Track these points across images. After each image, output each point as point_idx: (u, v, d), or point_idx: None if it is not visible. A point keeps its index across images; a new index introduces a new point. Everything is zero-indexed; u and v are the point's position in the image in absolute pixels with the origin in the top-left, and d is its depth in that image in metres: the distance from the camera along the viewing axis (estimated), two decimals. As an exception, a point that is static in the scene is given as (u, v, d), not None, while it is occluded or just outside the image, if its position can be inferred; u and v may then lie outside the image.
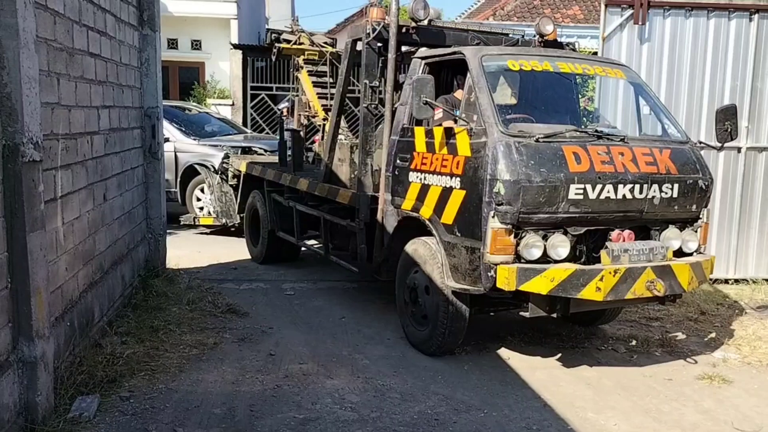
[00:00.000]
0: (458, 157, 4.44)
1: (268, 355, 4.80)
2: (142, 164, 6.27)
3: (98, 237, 4.82)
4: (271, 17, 24.99)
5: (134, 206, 5.94)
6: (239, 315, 5.64)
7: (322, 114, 7.56)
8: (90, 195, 4.64)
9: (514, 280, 4.09)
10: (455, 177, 4.45)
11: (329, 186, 6.08)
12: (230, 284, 6.72)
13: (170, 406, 3.91)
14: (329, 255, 6.32)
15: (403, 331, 5.17)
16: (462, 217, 4.39)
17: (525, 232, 4.17)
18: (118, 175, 5.36)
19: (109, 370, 4.19)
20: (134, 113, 5.95)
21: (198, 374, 4.37)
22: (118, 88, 5.38)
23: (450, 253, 4.48)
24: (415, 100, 4.45)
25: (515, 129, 4.32)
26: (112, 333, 4.78)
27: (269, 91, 14.33)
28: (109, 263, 5.10)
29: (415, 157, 4.88)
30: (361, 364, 4.70)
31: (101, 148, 4.89)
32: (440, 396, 4.20)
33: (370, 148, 5.53)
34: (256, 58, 14.58)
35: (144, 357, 4.51)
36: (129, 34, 5.81)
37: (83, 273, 4.46)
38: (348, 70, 5.97)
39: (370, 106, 5.48)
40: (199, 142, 9.77)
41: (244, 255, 8.01)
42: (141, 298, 5.68)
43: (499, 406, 4.09)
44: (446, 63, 5.12)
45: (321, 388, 4.25)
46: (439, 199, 4.58)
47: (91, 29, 4.66)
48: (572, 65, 4.94)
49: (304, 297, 6.37)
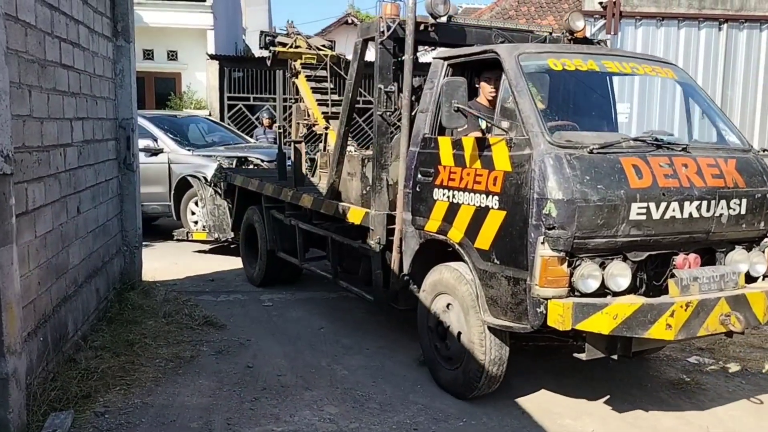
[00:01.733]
0: (495, 172, 3.85)
1: (246, 367, 4.76)
2: (117, 176, 6.20)
3: (72, 250, 4.76)
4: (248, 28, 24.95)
5: (109, 219, 5.88)
6: (216, 327, 5.59)
7: (322, 122, 7.01)
8: (63, 208, 4.58)
9: (569, 318, 3.49)
10: (492, 195, 3.85)
11: (338, 203, 5.50)
12: (207, 296, 6.67)
13: (146, 420, 3.86)
14: (338, 280, 5.74)
15: (429, 370, 4.60)
16: (502, 242, 3.79)
17: (580, 260, 3.59)
18: (92, 187, 5.30)
19: (83, 386, 4.12)
20: (108, 125, 5.90)
21: (174, 388, 4.32)
22: (91, 99, 5.33)
23: (486, 284, 3.90)
24: (444, 106, 3.90)
25: (562, 138, 3.73)
26: (86, 347, 4.72)
27: (246, 102, 14.32)
28: (84, 277, 5.03)
29: (440, 172, 4.29)
30: (340, 374, 4.68)
31: (75, 160, 4.84)
32: (419, 405, 4.20)
33: (385, 161, 4.92)
34: (233, 69, 14.56)
35: (119, 371, 4.45)
36: (103, 45, 5.76)
37: (57, 287, 4.40)
38: (358, 73, 5.38)
39: (385, 114, 4.88)
40: (193, 152, 9.34)
41: (222, 267, 7.95)
42: (116, 311, 5.61)
43: (478, 414, 4.09)
44: (469, 65, 4.55)
45: (299, 400, 4.22)
46: (472, 221, 3.99)
47: (63, 41, 4.61)
48: (619, 64, 4.36)
49: (283, 308, 6.34)
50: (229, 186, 7.79)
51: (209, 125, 11.19)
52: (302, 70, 7.54)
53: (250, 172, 8.02)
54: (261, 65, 14.95)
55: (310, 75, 7.51)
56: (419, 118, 4.60)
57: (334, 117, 6.85)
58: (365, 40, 5.19)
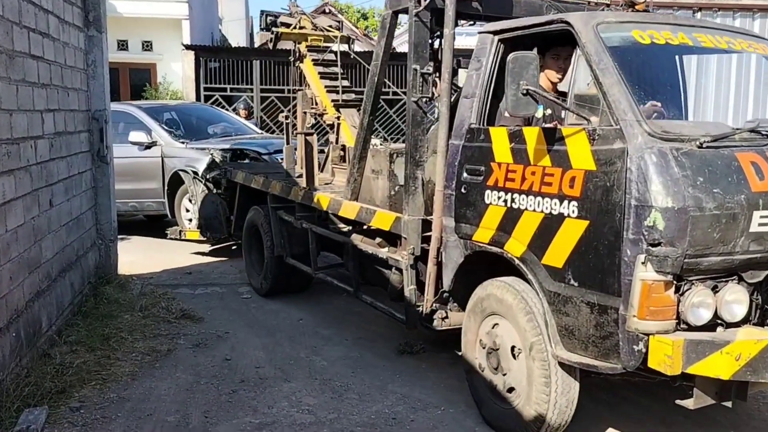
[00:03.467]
0: (572, 171, 3.12)
1: (224, 360, 4.73)
2: (91, 168, 6.11)
3: (45, 244, 4.69)
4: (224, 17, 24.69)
5: (83, 212, 5.80)
6: (194, 320, 5.55)
7: (332, 111, 6.28)
8: (35, 201, 4.51)
9: (679, 360, 2.78)
10: (568, 200, 3.13)
11: (361, 206, 4.80)
12: (185, 289, 6.61)
13: (122, 415, 3.83)
14: (360, 294, 5.01)
15: (474, 403, 3.92)
16: (582, 260, 3.08)
17: (689, 284, 2.89)
18: (64, 180, 5.22)
19: (58, 381, 4.07)
20: (81, 116, 5.81)
21: (151, 382, 4.29)
22: (63, 90, 5.24)
23: (559, 310, 3.21)
24: (510, 89, 3.16)
25: (658, 128, 2.98)
26: (61, 342, 4.66)
27: (223, 92, 14.17)
28: (57, 271, 4.97)
29: (493, 170, 3.58)
30: (319, 365, 4.68)
31: (46, 152, 4.76)
32: (398, 395, 4.21)
33: (420, 157, 4.23)
34: (209, 59, 14.39)
35: (95, 366, 4.41)
36: (74, 35, 5.66)
37: (29, 281, 4.33)
38: (385, 53, 4.61)
39: (421, 101, 4.17)
40: (187, 145, 8.53)
41: (200, 259, 7.89)
42: (92, 305, 5.54)
43: (457, 402, 4.11)
44: (525, 40, 3.70)
45: (278, 392, 4.21)
46: (538, 231, 3.29)
47: (32, 31, 4.52)
48: (713, 38, 3.55)
49: (262, 300, 6.30)
50: (229, 183, 7.15)
51: (213, 114, 10.43)
52: (308, 54, 6.76)
53: (253, 168, 7.18)
54: (238, 55, 14.85)
55: (317, 59, 6.73)
56: (463, 105, 3.89)
57: (345, 105, 6.28)
58: (395, 12, 4.50)
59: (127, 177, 8.36)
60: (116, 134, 8.60)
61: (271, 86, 14.23)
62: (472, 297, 3.84)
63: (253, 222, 6.43)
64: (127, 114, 8.95)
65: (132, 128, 8.61)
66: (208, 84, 14.19)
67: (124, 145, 8.35)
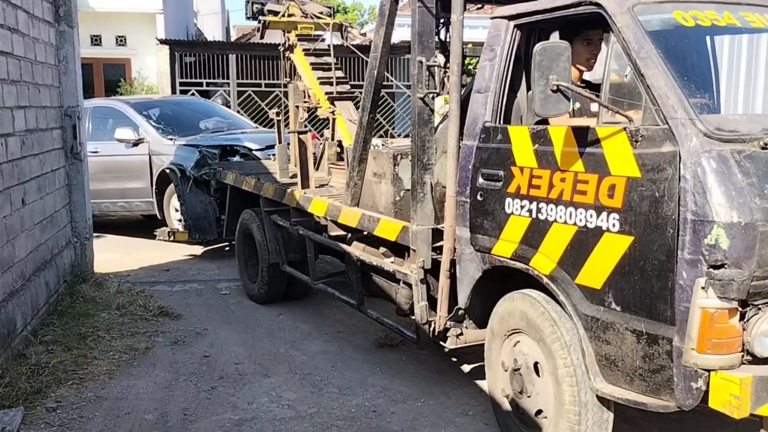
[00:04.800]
0: (611, 178, 2.72)
1: (203, 356, 4.71)
2: (64, 165, 6.04)
3: (18, 243, 4.62)
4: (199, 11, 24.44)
5: (57, 210, 5.73)
6: (172, 317, 5.51)
7: (326, 105, 5.85)
8: (7, 200, 4.45)
9: (747, 400, 2.42)
10: (607, 212, 2.72)
11: (362, 213, 4.38)
12: (163, 286, 6.56)
13: (99, 414, 3.80)
14: (364, 308, 4.62)
15: (497, 423, 3.59)
16: (626, 281, 2.69)
17: (755, 309, 2.51)
18: (37, 177, 5.15)
19: (33, 381, 4.03)
20: (53, 113, 5.73)
21: (129, 380, 4.26)
22: (33, 87, 5.16)
23: (598, 336, 2.82)
24: (538, 84, 2.73)
25: (713, 126, 2.56)
26: (36, 342, 4.60)
27: (199, 87, 14.05)
28: (32, 270, 4.90)
29: (514, 175, 3.17)
30: (299, 360, 4.67)
31: (17, 150, 4.69)
32: (378, 388, 4.22)
33: (428, 160, 3.83)
34: (185, 53, 14.25)
35: (71, 365, 4.36)
36: (44, 30, 5.57)
37: (2, 281, 4.28)
38: (386, 43, 4.21)
39: (428, 97, 3.77)
40: (175, 141, 8.06)
41: (178, 256, 7.82)
42: (68, 304, 5.48)
43: (436, 394, 4.13)
44: (544, 26, 3.29)
45: (257, 387, 4.20)
46: (571, 246, 2.89)
47: (0, 26, 4.44)
48: (762, 17, 3.12)
49: (241, 296, 6.27)
50: (219, 183, 6.81)
51: (205, 108, 9.96)
52: (298, 43, 6.29)
53: (243, 167, 6.76)
54: (214, 49, 14.72)
55: (309, 49, 6.27)
56: (475, 100, 3.48)
57: (340, 98, 5.90)
58: None
59: (115, 175, 8.25)
60: (104, 131, 8.50)
61: (248, 80, 14.14)
62: (493, 316, 3.44)
63: (246, 226, 6.03)
64: (115, 110, 8.71)
65: (118, 124, 8.36)
66: (184, 79, 14.06)
67: (112, 142, 8.20)
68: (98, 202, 8.30)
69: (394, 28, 4.28)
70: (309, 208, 4.98)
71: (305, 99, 6.18)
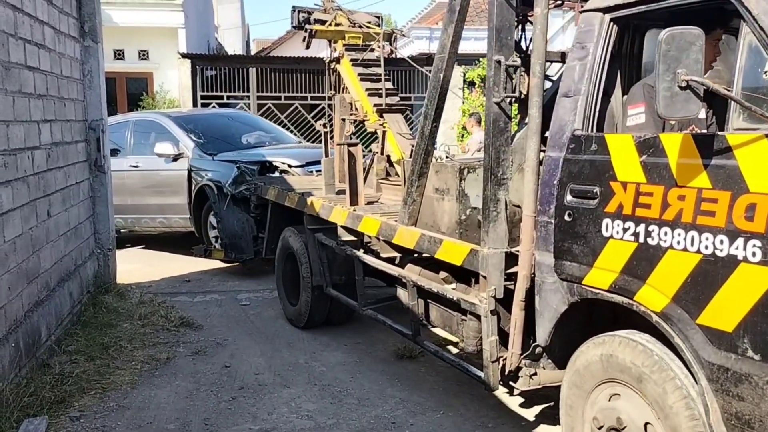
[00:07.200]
0: (750, 196, 2.28)
1: (223, 367, 4.75)
2: (88, 178, 6.14)
3: (43, 254, 4.70)
4: (220, 25, 24.76)
5: (81, 221, 5.82)
6: (193, 328, 5.57)
7: (374, 118, 5.62)
8: (33, 211, 4.53)
9: None
10: (745, 238, 2.28)
11: (421, 233, 3.96)
12: (184, 297, 6.63)
13: (122, 424, 3.84)
14: (420, 339, 4.21)
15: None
16: None
17: None
18: (62, 190, 5.25)
19: (57, 390, 4.08)
20: (78, 126, 5.83)
21: (151, 390, 4.30)
22: (59, 101, 5.27)
23: (727, 390, 2.36)
24: (664, 80, 2.33)
25: None
26: (60, 352, 4.67)
27: (220, 100, 14.22)
28: (56, 280, 4.98)
29: (615, 192, 2.75)
30: (318, 371, 4.69)
31: (43, 163, 4.78)
32: (397, 399, 4.22)
33: (503, 174, 3.39)
34: (206, 67, 14.45)
35: (94, 375, 4.42)
36: (70, 46, 5.69)
37: (28, 292, 4.35)
38: (454, 42, 3.79)
39: (505, 101, 3.32)
40: (214, 158, 7.83)
41: (198, 267, 7.89)
42: (91, 315, 5.55)
43: (455, 406, 4.12)
44: (644, 19, 3.03)
45: (277, 398, 4.22)
46: (692, 279, 2.46)
47: (28, 42, 4.55)
48: None
49: (260, 306, 6.32)
50: (260, 199, 6.53)
51: (249, 122, 9.73)
52: (346, 53, 6.04)
53: (286, 183, 6.49)
54: (234, 63, 14.90)
55: (356, 59, 5.99)
56: (562, 105, 3.07)
57: (389, 110, 5.66)
58: None
59: (155, 190, 8.17)
60: (146, 145, 8.41)
61: (268, 93, 14.29)
62: (578, 359, 2.97)
63: (288, 245, 5.69)
64: (156, 123, 8.63)
65: (159, 139, 8.28)
66: (205, 92, 14.24)
67: (152, 156, 8.15)
68: (138, 218, 8.37)
69: (412, 39, 4.16)
70: (359, 227, 4.59)
71: (352, 111, 5.99)
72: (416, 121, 14.57)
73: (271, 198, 6.08)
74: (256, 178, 7.07)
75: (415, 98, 13.54)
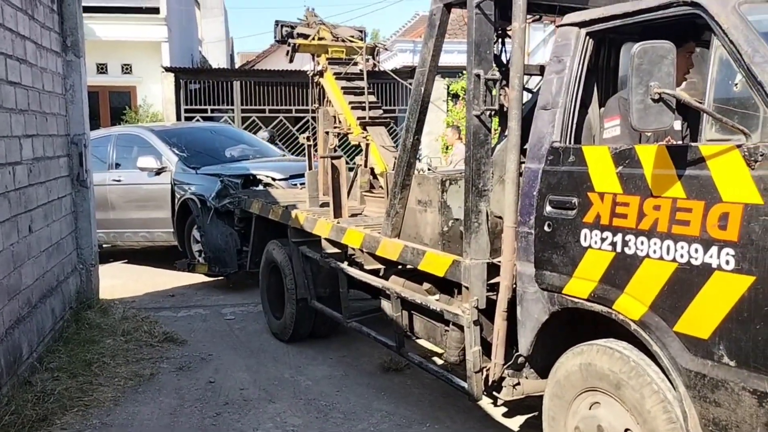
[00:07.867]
0: (723, 205, 2.33)
1: (208, 382, 4.71)
2: (71, 193, 6.09)
3: (24, 270, 4.65)
4: (204, 39, 24.75)
5: (63, 237, 5.77)
6: (177, 343, 5.52)
7: (357, 131, 5.67)
8: (14, 227, 4.49)
9: None
10: (719, 246, 2.33)
11: (404, 245, 3.99)
12: (167, 312, 6.58)
13: (105, 441, 3.80)
14: (404, 350, 4.28)
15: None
16: (743, 330, 2.28)
17: None
18: (44, 205, 5.20)
19: (39, 408, 4.03)
20: (60, 141, 5.80)
21: (134, 407, 4.26)
22: (41, 116, 5.23)
23: (704, 397, 2.40)
24: (637, 93, 2.39)
25: None
26: (42, 369, 4.61)
27: (204, 114, 14.18)
28: (38, 297, 4.93)
29: (593, 202, 2.81)
30: (304, 385, 4.67)
31: (24, 178, 4.74)
32: (383, 412, 4.21)
33: (484, 185, 3.46)
34: (189, 81, 14.42)
35: (77, 392, 4.37)
36: (52, 60, 5.66)
37: (9, 309, 4.30)
38: (435, 56, 3.87)
39: (484, 114, 3.39)
40: (197, 171, 7.79)
41: (182, 282, 7.84)
42: (73, 331, 5.49)
43: (441, 418, 4.12)
44: (618, 34, 3.10)
45: (262, 413, 4.20)
46: (669, 287, 2.50)
47: (9, 57, 4.53)
48: None
49: (245, 321, 6.28)
50: (243, 213, 6.52)
51: (233, 136, 9.75)
52: (329, 67, 6.06)
53: (270, 196, 6.45)
54: (218, 76, 14.90)
55: (340, 73, 6.03)
56: (540, 118, 3.15)
57: (372, 123, 5.70)
58: (447, 5, 3.75)
59: (138, 205, 8.12)
60: (129, 159, 8.37)
61: (252, 106, 14.29)
62: (558, 369, 3.00)
63: (272, 258, 5.70)
64: (139, 137, 8.55)
65: (142, 153, 8.21)
66: (189, 105, 14.21)
67: (135, 170, 8.10)
68: (120, 232, 8.32)
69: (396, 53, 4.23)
70: (343, 239, 4.60)
71: (335, 124, 6.00)
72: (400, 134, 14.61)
73: (254, 211, 6.06)
74: (239, 192, 7.05)
75: (399, 111, 13.62)
